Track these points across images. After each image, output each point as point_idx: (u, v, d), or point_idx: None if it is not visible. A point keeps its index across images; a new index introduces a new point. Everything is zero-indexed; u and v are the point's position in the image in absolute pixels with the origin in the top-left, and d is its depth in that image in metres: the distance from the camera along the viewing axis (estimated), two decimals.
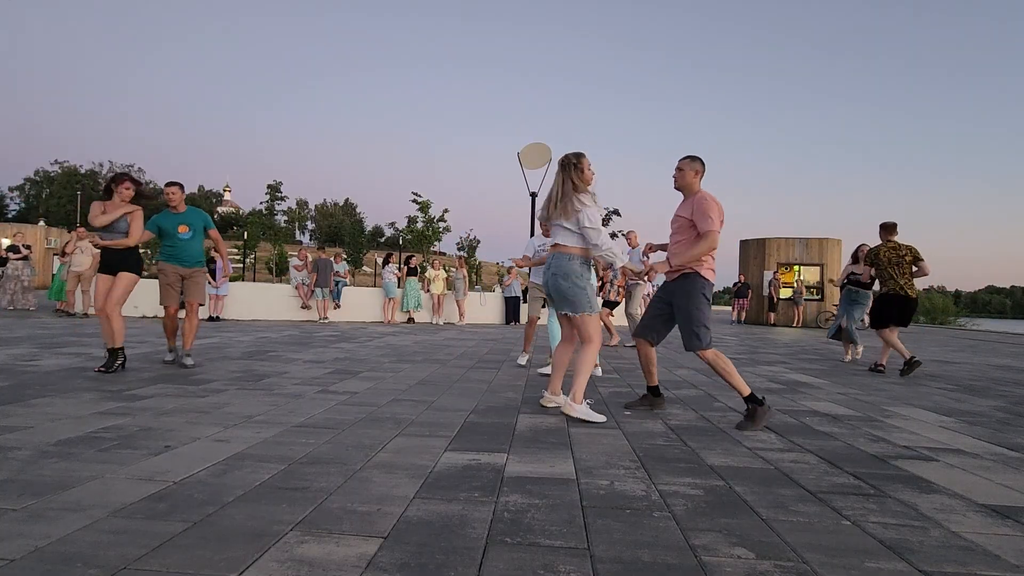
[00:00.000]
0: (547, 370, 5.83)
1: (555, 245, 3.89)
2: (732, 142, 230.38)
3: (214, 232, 5.85)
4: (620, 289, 9.33)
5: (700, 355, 3.75)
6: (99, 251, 5.38)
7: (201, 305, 5.79)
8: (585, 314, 3.81)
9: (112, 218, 5.13)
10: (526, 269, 7.02)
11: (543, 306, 6.51)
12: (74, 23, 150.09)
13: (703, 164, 3.93)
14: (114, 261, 5.21)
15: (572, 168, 3.81)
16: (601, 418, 3.70)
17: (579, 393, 3.72)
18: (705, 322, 3.75)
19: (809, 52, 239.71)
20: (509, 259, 6.71)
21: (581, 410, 3.68)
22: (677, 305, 3.86)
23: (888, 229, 6.89)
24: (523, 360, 6.64)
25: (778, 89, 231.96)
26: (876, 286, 7.31)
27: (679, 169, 3.91)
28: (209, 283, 13.04)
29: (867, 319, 8.30)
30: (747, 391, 3.70)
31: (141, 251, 5.66)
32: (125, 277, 5.20)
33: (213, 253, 13.52)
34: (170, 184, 5.61)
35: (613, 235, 24.86)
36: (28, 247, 14.17)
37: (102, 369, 4.97)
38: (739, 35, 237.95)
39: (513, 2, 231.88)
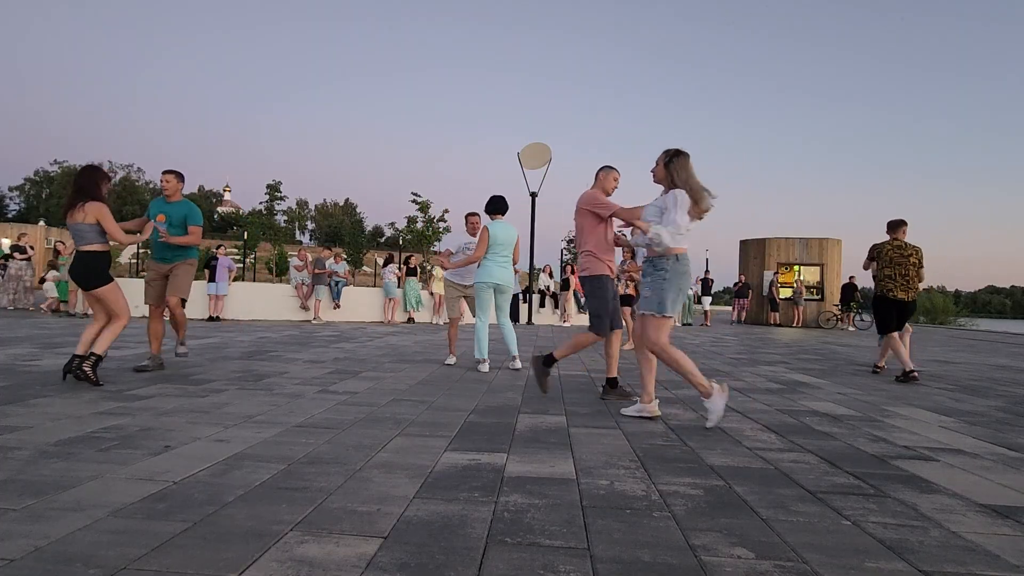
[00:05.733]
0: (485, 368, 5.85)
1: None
2: (732, 142, 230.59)
3: (193, 227, 5.21)
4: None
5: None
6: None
7: (184, 299, 5.28)
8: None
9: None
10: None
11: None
12: (75, 23, 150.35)
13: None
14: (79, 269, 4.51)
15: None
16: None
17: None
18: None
19: (809, 51, 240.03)
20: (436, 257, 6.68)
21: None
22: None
23: (895, 227, 6.66)
24: (451, 360, 6.42)
25: (779, 89, 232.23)
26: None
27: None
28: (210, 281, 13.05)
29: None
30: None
31: (142, 250, 5.43)
32: (102, 291, 4.51)
33: (216, 251, 13.52)
34: (165, 172, 5.25)
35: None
36: (31, 248, 14.21)
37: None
38: (739, 35, 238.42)
39: (513, 3, 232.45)
